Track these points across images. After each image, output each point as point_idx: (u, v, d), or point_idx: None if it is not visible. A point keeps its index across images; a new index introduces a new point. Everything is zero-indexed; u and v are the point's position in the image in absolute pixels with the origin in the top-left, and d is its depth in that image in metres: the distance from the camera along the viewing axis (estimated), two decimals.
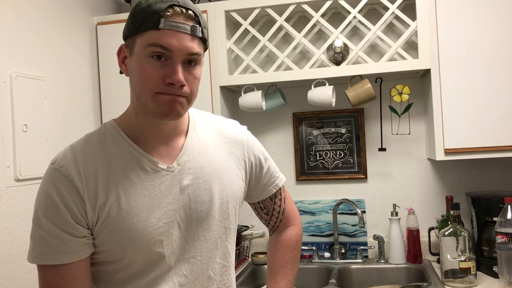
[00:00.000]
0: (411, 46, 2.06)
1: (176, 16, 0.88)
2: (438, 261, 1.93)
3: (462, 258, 1.73)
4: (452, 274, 1.76)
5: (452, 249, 1.76)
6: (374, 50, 2.18)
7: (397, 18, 2.04)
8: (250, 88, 2.13)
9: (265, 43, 2.04)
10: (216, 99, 2.04)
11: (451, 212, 1.80)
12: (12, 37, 1.64)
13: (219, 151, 1.04)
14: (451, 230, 1.77)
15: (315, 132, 2.28)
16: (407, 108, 2.08)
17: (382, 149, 2.16)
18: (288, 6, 1.99)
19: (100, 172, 0.91)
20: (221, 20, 2.04)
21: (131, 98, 0.97)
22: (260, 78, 2.04)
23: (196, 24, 0.90)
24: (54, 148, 1.77)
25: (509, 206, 1.71)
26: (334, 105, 2.04)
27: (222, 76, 2.05)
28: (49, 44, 1.83)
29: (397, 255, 2.04)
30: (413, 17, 1.90)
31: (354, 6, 1.94)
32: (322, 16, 2.02)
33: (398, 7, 1.90)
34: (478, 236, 1.91)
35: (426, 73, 1.98)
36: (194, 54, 0.90)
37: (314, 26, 2.14)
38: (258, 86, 2.13)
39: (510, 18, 1.78)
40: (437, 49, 1.85)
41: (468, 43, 1.81)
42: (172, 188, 0.96)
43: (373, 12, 2.12)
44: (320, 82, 2.05)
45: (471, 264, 1.73)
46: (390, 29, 2.12)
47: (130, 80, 0.94)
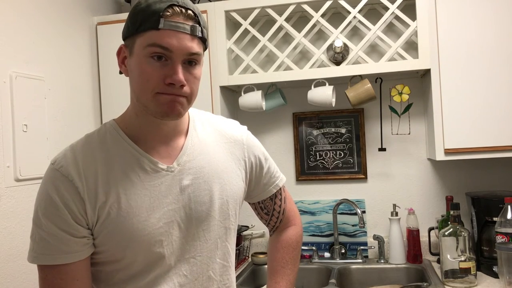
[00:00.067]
0: (411, 46, 2.06)
1: (175, 16, 0.88)
2: (438, 261, 1.93)
3: (462, 258, 1.73)
4: (452, 274, 1.76)
5: (452, 249, 1.76)
6: (374, 50, 2.18)
7: (397, 18, 2.04)
8: (250, 88, 2.13)
9: (265, 43, 2.04)
10: (216, 99, 2.04)
11: (451, 212, 1.80)
12: (12, 37, 1.64)
13: (219, 151, 1.04)
14: (451, 230, 1.77)
15: (315, 132, 2.28)
16: (407, 108, 2.08)
17: (382, 149, 2.16)
18: (288, 6, 1.99)
19: (100, 172, 0.91)
20: (221, 20, 2.04)
21: (131, 98, 0.97)
22: (260, 78, 2.04)
23: (195, 24, 0.90)
24: (54, 148, 1.77)
25: (509, 206, 1.71)
26: (334, 105, 2.04)
27: (222, 76, 2.05)
28: (49, 44, 1.83)
29: (397, 255, 2.04)
30: (413, 17, 1.90)
31: (354, 6, 1.94)
32: (322, 16, 2.02)
33: (398, 7, 1.90)
34: (478, 236, 1.90)
35: (426, 73, 1.98)
36: (194, 54, 0.90)
37: (314, 26, 2.14)
38: (258, 86, 2.13)
39: (510, 18, 1.78)
40: (437, 49, 1.85)
41: (468, 43, 1.82)
42: (172, 188, 0.96)
43: (373, 12, 2.12)
44: (320, 82, 2.05)
45: (471, 264, 1.73)
46: (390, 29, 2.12)
47: (130, 80, 0.94)
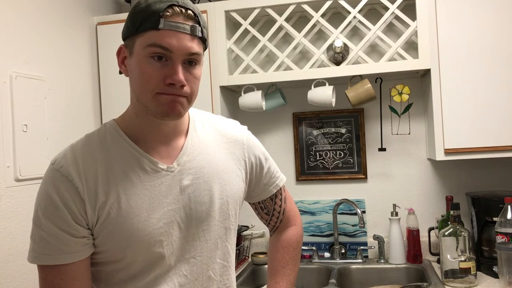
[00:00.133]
0: (411, 46, 2.06)
1: (175, 16, 0.88)
2: (438, 261, 1.93)
3: (462, 258, 1.73)
4: (452, 274, 1.76)
5: (452, 249, 1.76)
6: (374, 50, 2.18)
7: (397, 18, 2.04)
8: (250, 88, 2.13)
9: (265, 43, 2.04)
10: (216, 99, 2.04)
11: (451, 212, 1.80)
12: (12, 37, 1.64)
13: (219, 151, 1.04)
14: (451, 230, 1.77)
15: (315, 132, 2.28)
16: (407, 108, 2.08)
17: (382, 149, 2.16)
18: (288, 6, 1.99)
19: (100, 172, 0.91)
20: (221, 20, 2.04)
21: (131, 98, 0.96)
22: (260, 78, 2.04)
23: (195, 24, 0.90)
24: (54, 148, 1.77)
25: (509, 206, 1.71)
26: (334, 105, 2.04)
27: (222, 76, 2.05)
28: (49, 44, 1.83)
29: (397, 255, 2.04)
30: (413, 17, 1.90)
31: (354, 6, 1.94)
32: (322, 16, 2.02)
33: (398, 7, 1.90)
34: (478, 236, 1.90)
35: (426, 73, 1.98)
36: (194, 54, 0.90)
37: (314, 26, 2.14)
38: (258, 86, 2.13)
39: (510, 18, 1.78)
40: (437, 49, 1.85)
41: (468, 43, 1.81)
42: (172, 188, 0.96)
43: (373, 12, 2.11)
44: (320, 82, 2.05)
45: (471, 264, 1.73)
46: (390, 29, 2.12)
47: (130, 80, 0.94)
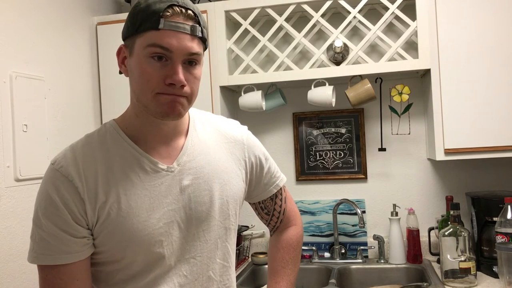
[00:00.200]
0: (411, 46, 2.06)
1: (175, 16, 0.88)
2: (438, 261, 1.93)
3: (462, 258, 1.73)
4: (452, 274, 1.76)
5: (452, 249, 1.76)
6: (374, 50, 2.18)
7: (397, 18, 2.04)
8: (250, 88, 2.13)
9: (265, 43, 2.04)
10: (216, 99, 2.04)
11: (451, 212, 1.80)
12: (12, 37, 1.64)
13: (220, 151, 1.04)
14: (451, 230, 1.77)
15: (315, 132, 2.28)
16: (407, 108, 2.08)
17: (382, 149, 2.16)
18: (288, 6, 1.99)
19: (100, 172, 0.91)
20: (221, 20, 2.04)
21: (131, 98, 0.96)
22: (260, 78, 2.04)
23: (195, 24, 0.90)
24: (54, 148, 1.77)
25: (509, 206, 1.71)
26: (334, 105, 2.04)
27: (222, 76, 2.05)
28: (49, 44, 1.83)
29: (397, 255, 2.04)
30: (413, 17, 1.90)
31: (354, 6, 1.94)
32: (322, 16, 2.02)
33: (398, 7, 1.90)
34: (478, 236, 1.90)
35: (426, 73, 1.98)
36: (194, 54, 0.90)
37: (314, 26, 2.14)
38: (258, 86, 2.13)
39: (510, 18, 1.78)
40: (437, 49, 1.85)
41: (468, 43, 1.81)
42: (172, 188, 0.96)
43: (373, 12, 2.11)
44: (320, 82, 2.05)
45: (471, 264, 1.73)
46: (390, 29, 2.12)
47: (130, 80, 0.94)
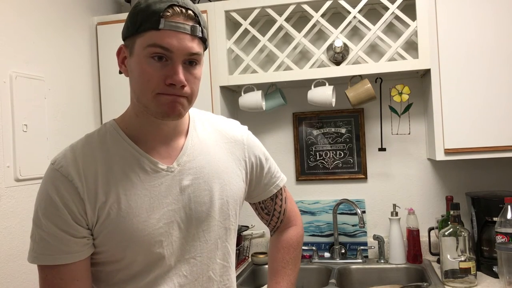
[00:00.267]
0: (411, 46, 2.06)
1: (176, 16, 0.88)
2: (438, 261, 1.93)
3: (462, 258, 1.73)
4: (452, 274, 1.76)
5: (452, 249, 1.76)
6: (374, 50, 2.18)
7: (397, 18, 2.04)
8: (250, 88, 2.13)
9: (265, 43, 2.03)
10: (216, 99, 2.04)
11: (451, 212, 1.80)
12: (12, 37, 1.64)
13: (220, 151, 1.04)
14: (451, 230, 1.77)
15: (315, 132, 2.28)
16: (407, 108, 2.08)
17: (382, 149, 2.16)
18: (288, 6, 1.99)
19: (100, 172, 0.91)
20: (221, 20, 2.04)
21: (131, 98, 0.96)
22: (260, 78, 2.04)
23: (196, 24, 0.90)
24: (54, 148, 1.77)
25: (509, 206, 1.71)
26: (334, 105, 2.04)
27: (222, 76, 2.05)
28: (49, 44, 1.83)
29: (397, 255, 2.04)
30: (413, 17, 1.90)
31: (354, 6, 1.94)
32: (322, 16, 2.02)
33: (398, 7, 1.90)
34: (478, 236, 1.90)
35: (426, 73, 1.98)
36: (195, 54, 0.90)
37: (314, 26, 2.14)
38: (258, 86, 2.13)
39: (510, 18, 1.78)
40: (437, 49, 1.84)
41: (468, 43, 1.81)
42: (172, 188, 0.95)
43: (373, 12, 2.11)
44: (320, 82, 2.05)
45: (471, 264, 1.73)
46: (390, 29, 2.12)
47: (130, 80, 0.94)
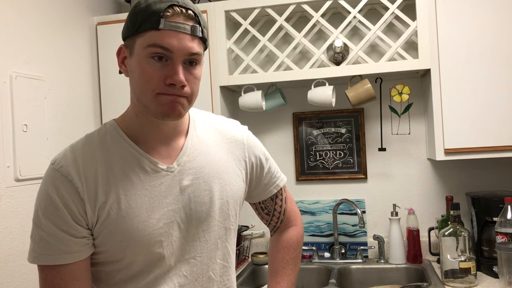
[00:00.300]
0: (411, 46, 2.06)
1: (176, 16, 0.88)
2: (438, 261, 1.93)
3: (462, 258, 1.73)
4: (452, 274, 1.76)
5: (452, 249, 1.76)
6: (374, 50, 2.18)
7: (397, 18, 2.04)
8: (250, 88, 2.13)
9: (265, 43, 2.03)
10: (216, 99, 2.04)
11: (451, 212, 1.80)
12: (12, 37, 1.64)
13: (220, 151, 1.04)
14: (451, 230, 1.77)
15: (315, 132, 2.28)
16: (407, 108, 2.08)
17: (382, 149, 2.16)
18: (288, 6, 1.99)
19: (100, 172, 0.91)
20: (221, 20, 2.04)
21: (131, 98, 0.96)
22: (260, 78, 2.04)
23: (196, 24, 0.90)
24: (54, 148, 1.77)
25: (509, 206, 1.71)
26: (334, 105, 2.04)
27: (222, 76, 2.05)
28: (49, 44, 1.83)
29: (397, 255, 2.04)
30: (413, 17, 1.90)
31: (354, 6, 1.94)
32: (322, 16, 2.02)
33: (398, 7, 1.90)
34: (478, 236, 1.90)
35: (426, 73, 1.98)
36: (195, 54, 0.90)
37: (314, 26, 2.14)
38: (258, 86, 2.13)
39: (510, 18, 1.78)
40: (437, 49, 1.84)
41: (468, 43, 1.81)
42: (172, 188, 0.95)
43: (373, 12, 2.11)
44: (320, 82, 2.05)
45: (471, 264, 1.73)
46: (390, 29, 2.12)
47: (130, 80, 0.94)
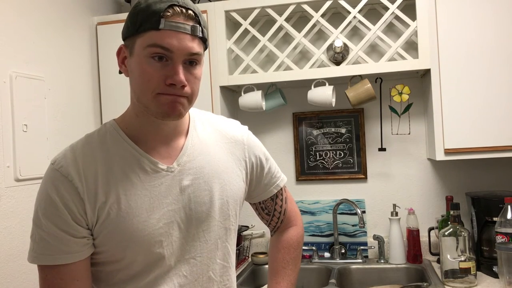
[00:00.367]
0: (411, 46, 2.06)
1: (176, 16, 0.88)
2: (438, 261, 1.93)
3: (462, 258, 1.73)
4: (452, 274, 1.76)
5: (452, 249, 1.76)
6: (374, 50, 2.18)
7: (397, 18, 2.04)
8: (250, 88, 2.13)
9: (265, 43, 2.03)
10: (216, 99, 2.04)
11: (451, 212, 1.80)
12: (12, 37, 1.64)
13: (220, 151, 1.04)
14: (451, 230, 1.77)
15: (315, 132, 2.28)
16: (407, 108, 2.08)
17: (382, 149, 2.16)
18: (288, 6, 1.99)
19: (100, 172, 0.91)
20: (221, 20, 2.04)
21: (131, 98, 0.96)
22: (260, 78, 2.04)
23: (196, 24, 0.90)
24: (54, 148, 1.77)
25: (509, 206, 1.71)
26: (334, 105, 2.04)
27: (222, 76, 2.05)
28: (49, 44, 1.83)
29: (397, 255, 2.04)
30: (413, 17, 1.90)
31: (354, 6, 1.94)
32: (322, 16, 2.02)
33: (398, 7, 1.90)
34: (478, 236, 1.90)
35: (426, 73, 1.98)
36: (195, 54, 0.90)
37: (314, 26, 2.14)
38: (258, 86, 2.13)
39: (510, 18, 1.78)
40: (437, 49, 1.85)
41: (468, 43, 1.81)
42: (172, 188, 0.95)
43: (373, 12, 2.11)
44: (320, 82, 2.05)
45: (471, 264, 1.73)
46: (390, 29, 2.12)
47: (130, 80, 0.94)
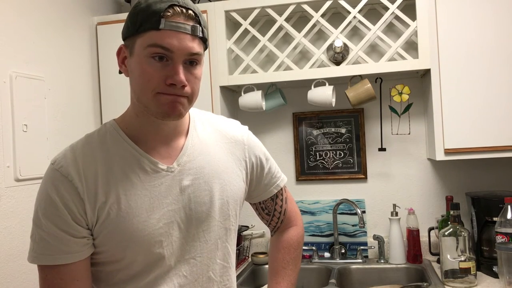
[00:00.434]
0: (411, 46, 2.06)
1: (176, 16, 0.88)
2: (438, 261, 1.93)
3: (462, 258, 1.73)
4: (452, 274, 1.76)
5: (452, 249, 1.76)
6: (374, 50, 2.18)
7: (397, 18, 2.04)
8: (250, 88, 2.13)
9: (265, 43, 2.03)
10: (216, 99, 2.04)
11: (451, 212, 1.80)
12: (12, 37, 1.64)
13: (220, 151, 1.04)
14: (451, 230, 1.77)
15: (315, 132, 2.28)
16: (407, 108, 2.08)
17: (382, 149, 2.16)
18: (288, 6, 1.99)
19: (100, 172, 0.91)
20: (221, 20, 2.04)
21: (131, 98, 0.96)
22: (260, 78, 2.04)
23: (196, 24, 0.90)
24: (54, 148, 1.77)
25: (509, 206, 1.71)
26: (334, 105, 2.04)
27: (222, 76, 2.05)
28: (49, 44, 1.83)
29: (397, 255, 2.04)
30: (413, 17, 1.90)
31: (354, 6, 1.94)
32: (322, 16, 2.02)
33: (398, 7, 1.90)
34: (478, 236, 1.91)
35: (426, 73, 1.98)
36: (195, 54, 0.90)
37: (314, 26, 2.14)
38: (258, 86, 2.13)
39: (510, 18, 1.78)
40: (437, 49, 1.85)
41: (468, 43, 1.81)
42: (172, 188, 0.95)
43: (373, 12, 2.11)
44: (320, 82, 2.05)
45: (471, 264, 1.73)
46: (390, 29, 2.12)
47: (131, 80, 0.94)
